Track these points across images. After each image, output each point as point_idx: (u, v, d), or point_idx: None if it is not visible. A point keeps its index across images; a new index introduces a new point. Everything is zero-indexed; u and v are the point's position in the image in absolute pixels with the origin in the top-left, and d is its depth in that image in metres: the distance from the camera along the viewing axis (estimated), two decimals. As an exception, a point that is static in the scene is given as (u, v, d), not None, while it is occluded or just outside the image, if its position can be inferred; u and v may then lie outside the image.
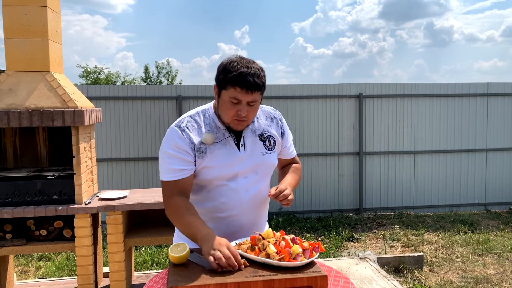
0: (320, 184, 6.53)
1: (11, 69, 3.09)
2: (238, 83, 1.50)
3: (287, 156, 1.85)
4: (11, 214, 2.93)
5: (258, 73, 1.54)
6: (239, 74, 1.50)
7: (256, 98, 1.55)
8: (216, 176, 1.63)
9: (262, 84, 1.55)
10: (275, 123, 1.77)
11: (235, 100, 1.53)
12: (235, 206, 1.66)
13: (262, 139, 1.70)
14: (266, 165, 1.71)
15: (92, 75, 24.69)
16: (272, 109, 1.82)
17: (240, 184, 1.66)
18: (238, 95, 1.52)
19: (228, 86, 1.53)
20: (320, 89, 6.45)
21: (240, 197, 1.66)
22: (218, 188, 1.65)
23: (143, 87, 6.23)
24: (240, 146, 1.66)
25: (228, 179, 1.65)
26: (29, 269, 4.48)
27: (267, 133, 1.72)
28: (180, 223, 1.58)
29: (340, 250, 4.96)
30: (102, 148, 5.98)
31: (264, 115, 1.76)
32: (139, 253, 4.79)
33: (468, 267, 4.35)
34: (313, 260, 1.44)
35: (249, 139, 1.68)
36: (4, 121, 2.88)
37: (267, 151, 1.70)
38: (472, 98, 6.70)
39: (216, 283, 1.29)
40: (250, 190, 1.68)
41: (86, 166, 3.22)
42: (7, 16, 3.07)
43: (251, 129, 1.70)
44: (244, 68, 1.52)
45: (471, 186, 6.81)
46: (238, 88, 1.51)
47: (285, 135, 1.80)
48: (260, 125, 1.72)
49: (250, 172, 1.68)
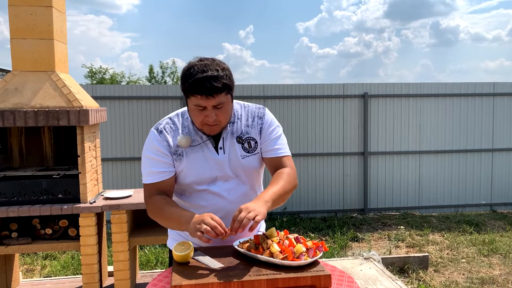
0: (325, 184, 6.51)
1: (17, 69, 3.11)
2: (196, 90, 1.45)
3: (271, 154, 1.65)
4: (17, 213, 2.94)
5: (216, 74, 1.46)
6: (195, 80, 1.45)
7: (221, 101, 1.48)
8: (194, 180, 1.60)
9: (222, 86, 1.47)
10: (256, 121, 1.66)
11: (200, 107, 1.49)
12: (218, 210, 1.59)
13: (240, 141, 1.63)
14: (246, 168, 1.63)
15: (97, 75, 24.80)
16: (257, 107, 1.70)
17: (221, 188, 1.62)
18: (200, 102, 1.47)
19: (189, 94, 1.49)
20: (325, 89, 6.43)
21: (222, 201, 1.62)
22: (198, 193, 1.63)
23: (147, 87, 6.25)
24: (219, 149, 1.61)
25: (208, 183, 1.61)
26: (34, 267, 4.51)
27: (246, 135, 1.64)
28: (162, 217, 1.57)
29: (344, 250, 4.95)
30: (107, 147, 6.01)
31: (247, 115, 1.67)
32: (144, 253, 4.81)
33: (473, 267, 4.32)
34: (317, 259, 1.44)
35: (227, 141, 1.61)
36: (10, 121, 2.90)
37: (246, 153, 1.62)
38: (478, 97, 6.66)
39: (220, 281, 1.29)
40: (232, 193, 1.63)
41: (91, 165, 3.24)
42: (13, 16, 3.09)
43: (230, 131, 1.63)
44: (200, 74, 1.45)
45: (477, 187, 6.77)
46: (197, 95, 1.46)
47: (265, 130, 1.65)
48: (240, 127, 1.64)
49: (230, 176, 1.63)
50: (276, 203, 1.53)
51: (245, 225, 1.37)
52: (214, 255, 1.49)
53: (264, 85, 6.31)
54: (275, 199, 1.52)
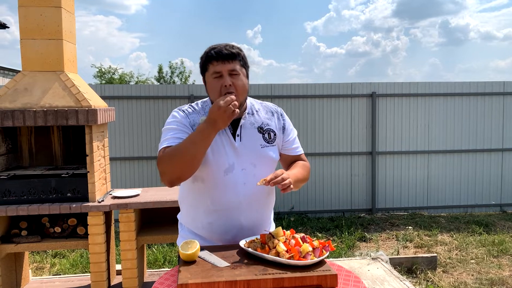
0: (332, 183, 6.50)
1: (26, 69, 3.15)
2: (212, 57, 1.60)
3: (291, 152, 1.79)
4: (27, 212, 2.98)
5: (230, 44, 1.64)
6: (211, 49, 1.62)
7: (235, 67, 1.60)
8: (212, 163, 1.61)
9: (237, 53, 1.61)
10: (276, 117, 1.76)
11: (216, 74, 1.59)
12: (232, 200, 1.63)
13: (261, 132, 1.69)
14: (264, 158, 1.68)
15: (107, 75, 24.98)
16: (274, 105, 1.82)
17: (236, 177, 1.63)
18: (216, 67, 1.59)
19: (207, 65, 1.62)
20: (333, 88, 6.41)
21: (237, 192, 1.63)
22: (214, 180, 1.64)
23: (155, 86, 6.28)
24: (236, 136, 1.65)
25: (224, 171, 1.63)
26: (44, 265, 4.56)
27: (267, 126, 1.71)
28: (182, 152, 1.50)
29: (352, 250, 4.93)
30: (115, 146, 6.05)
31: (265, 109, 1.77)
32: (151, 251, 4.83)
33: (482, 268, 4.28)
34: (323, 259, 1.43)
35: (246, 130, 1.67)
36: (20, 120, 2.93)
37: (266, 143, 1.68)
38: (488, 97, 6.59)
39: (226, 280, 1.29)
40: (248, 184, 1.64)
41: (99, 164, 3.26)
42: (22, 16, 3.12)
43: (249, 121, 1.69)
44: (215, 45, 1.64)
45: (486, 187, 6.70)
46: (214, 61, 1.60)
47: (287, 130, 1.77)
48: (260, 118, 1.72)
49: (248, 164, 1.65)
50: (296, 186, 1.62)
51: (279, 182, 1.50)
52: (221, 254, 1.50)
53: (271, 85, 6.31)
54: (297, 181, 1.65)
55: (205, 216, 1.68)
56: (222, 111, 1.46)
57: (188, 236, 1.75)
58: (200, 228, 1.72)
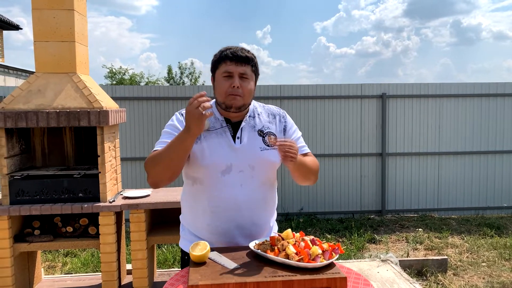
0: (342, 185, 6.47)
1: (40, 71, 3.20)
2: (227, 57, 1.63)
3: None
4: (39, 211, 3.03)
5: (246, 49, 1.67)
6: (227, 49, 1.66)
7: (246, 71, 1.63)
8: (209, 164, 1.63)
9: (251, 58, 1.65)
10: (277, 119, 1.78)
11: (227, 74, 1.62)
12: (229, 201, 1.65)
13: (261, 135, 1.70)
14: (264, 161, 1.67)
15: (117, 76, 25.19)
16: (277, 108, 1.84)
17: (234, 179, 1.64)
18: (229, 67, 1.62)
19: (220, 64, 1.65)
20: (342, 89, 6.39)
21: (234, 193, 1.64)
22: (211, 181, 1.65)
23: (166, 87, 6.32)
24: (236, 138, 1.67)
25: (222, 171, 1.64)
26: (56, 264, 4.62)
27: (267, 129, 1.72)
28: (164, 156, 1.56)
29: (361, 252, 4.92)
30: (126, 147, 6.11)
31: (267, 112, 1.79)
32: (161, 251, 4.87)
33: (494, 272, 4.24)
34: (333, 262, 1.44)
35: (246, 133, 1.69)
36: (33, 121, 2.98)
37: (266, 147, 1.68)
38: (500, 98, 6.51)
39: (236, 282, 1.30)
40: (245, 186, 1.65)
41: (111, 165, 3.30)
42: (36, 19, 3.17)
43: (250, 124, 1.71)
44: (231, 46, 1.68)
45: (498, 189, 6.62)
46: (227, 61, 1.62)
47: (288, 131, 1.78)
48: (261, 121, 1.74)
49: (246, 167, 1.66)
50: (300, 168, 1.62)
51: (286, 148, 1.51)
52: (230, 256, 1.51)
53: (281, 86, 6.31)
54: (302, 164, 1.63)
55: (203, 217, 1.70)
56: (191, 115, 1.45)
57: (188, 238, 1.77)
58: (200, 229, 1.73)
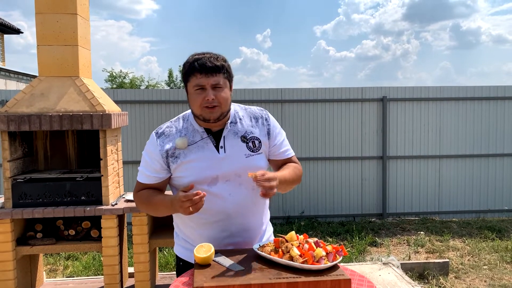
0: (343, 188, 6.48)
1: (43, 75, 3.22)
2: (195, 69, 1.54)
3: (280, 156, 1.73)
4: (42, 214, 3.03)
5: (215, 56, 1.57)
6: (194, 60, 1.55)
7: (219, 81, 1.54)
8: (194, 180, 1.58)
9: (221, 66, 1.55)
10: (260, 122, 1.70)
11: (198, 87, 1.54)
12: (219, 212, 1.62)
13: (245, 141, 1.64)
14: (250, 167, 1.59)
15: (117, 79, 25.21)
16: (259, 109, 1.75)
17: (221, 189, 1.61)
18: (200, 80, 1.54)
19: (190, 77, 1.56)
20: (343, 93, 6.41)
21: (223, 203, 1.61)
22: None
23: (167, 91, 6.34)
24: (220, 148, 1.62)
25: (208, 184, 1.60)
26: (57, 267, 4.62)
27: (251, 134, 1.66)
28: (151, 208, 1.68)
29: (363, 255, 4.92)
30: (128, 150, 6.12)
31: (249, 116, 1.71)
32: (163, 254, 4.87)
33: (495, 274, 4.24)
34: (337, 264, 1.45)
35: (229, 141, 1.63)
36: (37, 125, 2.99)
37: (251, 153, 1.63)
38: (500, 101, 6.53)
39: (241, 284, 1.31)
40: (234, 195, 1.62)
41: (113, 168, 3.31)
42: (39, 23, 3.19)
43: (232, 130, 1.64)
44: (199, 55, 1.57)
45: (499, 192, 6.62)
46: (197, 74, 1.54)
47: (272, 134, 1.70)
48: (243, 127, 1.66)
49: (232, 176, 1.61)
50: (281, 187, 1.56)
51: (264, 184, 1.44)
52: (235, 258, 1.52)
53: (281, 89, 6.32)
54: (283, 183, 1.57)
55: (195, 228, 1.69)
56: (180, 204, 1.47)
57: (183, 244, 1.78)
58: (192, 238, 1.71)
